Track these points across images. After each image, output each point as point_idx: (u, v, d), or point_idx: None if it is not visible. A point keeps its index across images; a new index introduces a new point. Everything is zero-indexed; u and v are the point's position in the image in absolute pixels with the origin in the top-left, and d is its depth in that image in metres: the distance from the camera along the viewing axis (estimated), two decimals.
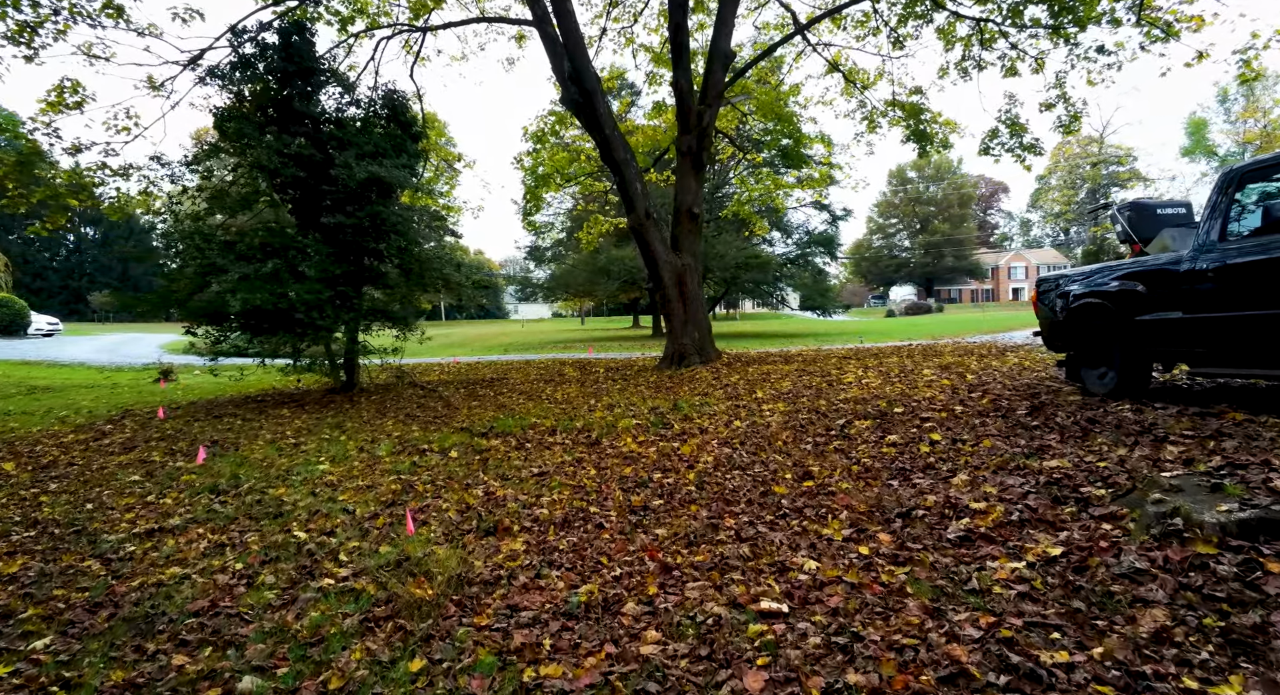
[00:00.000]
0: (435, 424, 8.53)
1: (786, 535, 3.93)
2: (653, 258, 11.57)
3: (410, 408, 9.97)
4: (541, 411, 8.91)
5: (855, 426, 5.98)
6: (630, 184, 11.34)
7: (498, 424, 8.03)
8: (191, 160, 10.40)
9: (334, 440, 7.65)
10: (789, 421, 6.65)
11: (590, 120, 11.26)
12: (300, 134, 10.71)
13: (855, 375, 8.60)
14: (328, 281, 10.11)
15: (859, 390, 7.53)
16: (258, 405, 10.48)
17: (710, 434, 6.66)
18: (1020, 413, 5.47)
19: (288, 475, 6.07)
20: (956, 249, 79.37)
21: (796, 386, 8.46)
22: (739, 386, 9.28)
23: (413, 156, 11.07)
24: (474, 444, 7.09)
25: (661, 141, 15.40)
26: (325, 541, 4.32)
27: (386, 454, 6.84)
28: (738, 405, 7.91)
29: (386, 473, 6.06)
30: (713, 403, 8.38)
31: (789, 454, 5.62)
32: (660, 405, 8.53)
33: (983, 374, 7.86)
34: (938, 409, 6.06)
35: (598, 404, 9.29)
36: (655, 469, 5.71)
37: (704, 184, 12.01)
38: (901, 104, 13.90)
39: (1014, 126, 12.25)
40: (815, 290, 28.22)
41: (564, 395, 10.31)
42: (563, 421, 8.01)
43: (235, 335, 10.54)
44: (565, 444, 6.91)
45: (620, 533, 4.31)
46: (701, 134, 11.59)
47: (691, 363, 11.60)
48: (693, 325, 11.68)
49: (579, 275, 27.60)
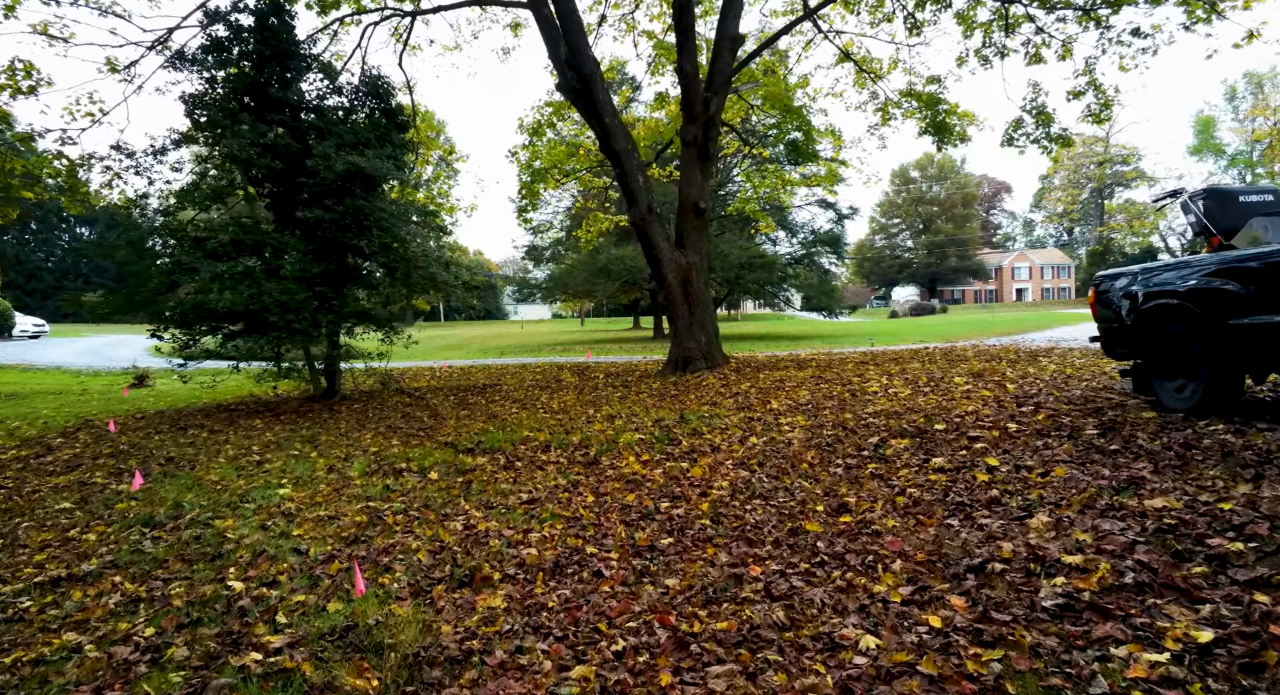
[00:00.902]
0: (418, 437, 7.76)
1: (828, 592, 3.17)
2: (655, 255, 10.81)
3: (394, 418, 9.20)
4: (535, 423, 8.15)
5: (891, 446, 5.21)
6: (631, 176, 10.57)
7: (486, 438, 7.26)
8: (159, 150, 9.64)
9: (303, 457, 6.88)
10: (812, 439, 5.88)
11: (588, 107, 10.50)
12: (277, 123, 9.96)
13: (879, 383, 7.83)
14: (305, 281, 9.35)
15: (888, 401, 6.76)
16: (229, 415, 9.72)
17: (723, 453, 5.90)
18: (1090, 433, 4.70)
19: (241, 502, 5.30)
20: (960, 249, 78.63)
21: (815, 396, 7.70)
22: (751, 396, 8.51)
23: (398, 147, 10.31)
24: (458, 462, 6.32)
25: (664, 134, 14.64)
26: (264, 595, 3.55)
27: (358, 475, 6.08)
28: (751, 418, 7.14)
29: (354, 499, 5.30)
30: (723, 414, 7.61)
31: (817, 479, 4.86)
32: (665, 417, 7.77)
33: (1024, 383, 7.10)
34: (986, 426, 5.29)
35: (596, 414, 8.52)
36: (662, 496, 4.95)
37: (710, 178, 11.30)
38: (918, 94, 13.14)
39: (1041, 116, 11.49)
40: (821, 291, 27.44)
41: (560, 404, 9.55)
42: (558, 436, 7.25)
43: (206, 339, 9.78)
44: (560, 463, 6.15)
45: (623, 584, 3.55)
46: (708, 123, 10.84)
47: (697, 368, 10.83)
48: (698, 328, 10.92)
49: (578, 275, 26.84)
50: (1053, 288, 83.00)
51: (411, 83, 14.57)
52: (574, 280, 27.21)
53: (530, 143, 14.09)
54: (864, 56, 13.95)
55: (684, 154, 11.23)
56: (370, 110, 10.66)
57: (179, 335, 9.50)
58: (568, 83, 10.54)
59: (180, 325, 9.48)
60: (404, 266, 10.42)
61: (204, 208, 10.20)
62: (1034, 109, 11.65)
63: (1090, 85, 11.25)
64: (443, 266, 9.98)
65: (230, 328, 9.97)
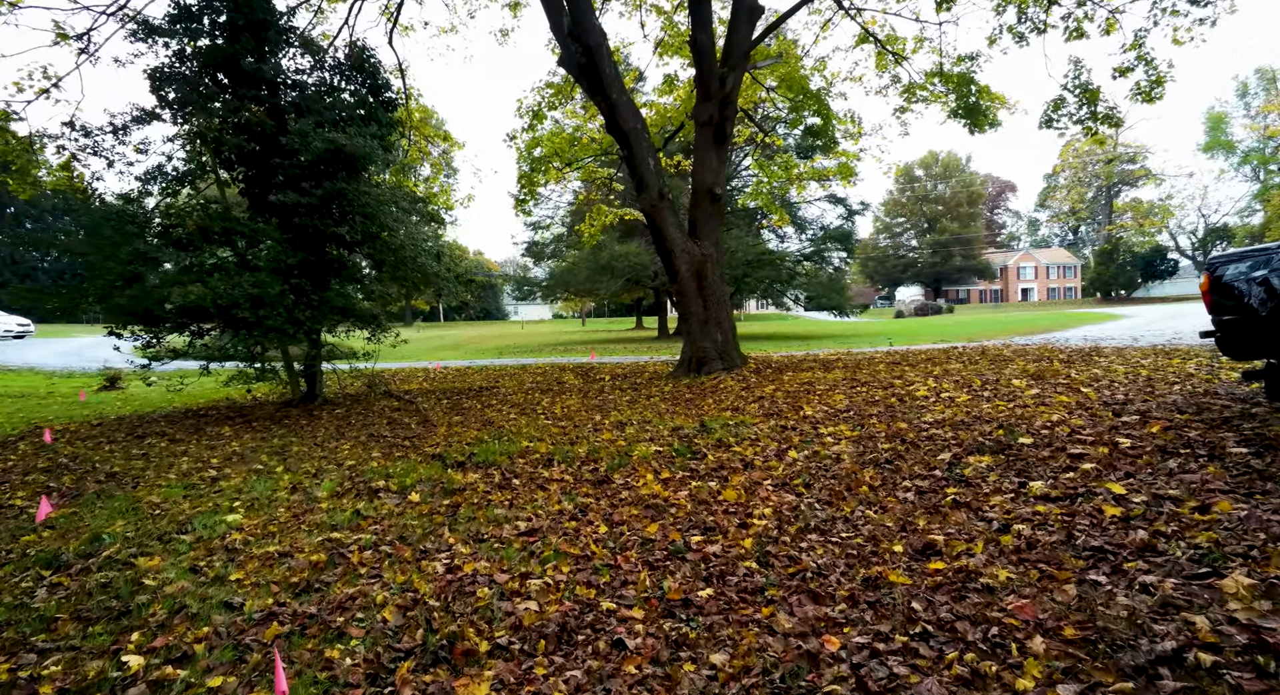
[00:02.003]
0: (402, 448, 6.83)
1: (947, 686, 2.23)
2: (667, 246, 9.87)
3: (378, 425, 8.27)
4: (536, 431, 7.22)
5: (970, 465, 4.27)
6: (641, 159, 9.64)
7: (479, 450, 6.33)
8: (119, 129, 8.70)
9: (267, 473, 5.95)
10: (865, 453, 4.94)
11: (594, 83, 9.57)
12: (252, 99, 9.03)
13: (926, 387, 6.90)
14: (280, 273, 8.43)
15: (945, 409, 5.82)
16: (196, 422, 8.78)
17: (759, 470, 4.96)
18: (1236, 451, 3.76)
19: (178, 533, 4.36)
20: (965, 248, 77.70)
21: (855, 402, 6.76)
22: (778, 400, 7.57)
23: (385, 126, 9.39)
24: (445, 480, 5.39)
25: (674, 119, 13.71)
26: (166, 678, 2.61)
27: (326, 495, 5.14)
28: (784, 427, 6.20)
29: (316, 528, 4.36)
30: (750, 422, 6.67)
31: (884, 507, 3.92)
32: (683, 425, 6.83)
33: (1100, 386, 6.15)
34: (1086, 440, 4.35)
35: (604, 421, 7.59)
36: (691, 526, 4.02)
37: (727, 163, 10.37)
38: (948, 75, 12.21)
39: (1086, 94, 10.56)
40: (831, 289, 26.48)
41: (563, 409, 8.62)
42: (561, 447, 6.31)
43: (172, 338, 8.86)
44: (565, 481, 5.21)
45: (653, 661, 2.62)
46: (724, 101, 9.90)
47: (713, 369, 9.90)
48: (714, 325, 9.99)
49: (580, 273, 25.90)
50: (1059, 287, 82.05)
51: (404, 65, 13.67)
52: (576, 278, 26.28)
53: (530, 125, 13.17)
54: (888, 35, 13.02)
55: (698, 136, 10.30)
56: (355, 87, 9.74)
57: (140, 333, 8.57)
58: (571, 57, 9.62)
59: (142, 322, 8.56)
60: (392, 258, 9.49)
61: (171, 193, 9.28)
62: (1077, 87, 10.72)
63: (1140, 60, 10.32)
64: (433, 257, 9.05)
65: (199, 325, 9.05)
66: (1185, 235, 63.04)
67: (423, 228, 9.47)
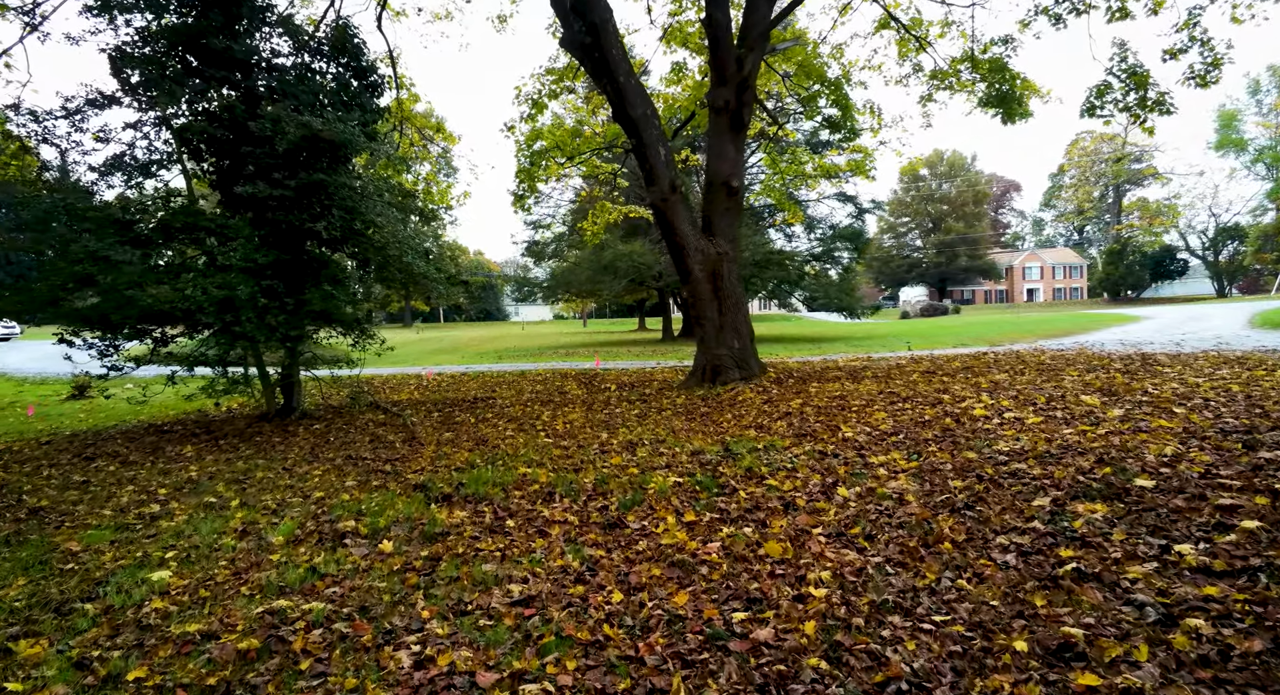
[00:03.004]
0: (382, 474, 5.96)
1: None
2: (679, 244, 9.00)
3: (359, 443, 7.40)
4: (535, 452, 6.36)
5: (1079, 515, 3.40)
6: (650, 147, 8.77)
7: (470, 478, 5.46)
8: (73, 113, 7.84)
9: (219, 508, 5.08)
10: (932, 492, 4.07)
11: (599, 66, 8.70)
12: (222, 82, 8.18)
13: (982, 403, 6.02)
14: (251, 273, 7.57)
15: (1016, 433, 4.94)
16: (157, 439, 7.92)
17: (805, 513, 4.09)
18: None
19: (84, 599, 3.49)
20: (970, 248, 76.78)
21: (900, 422, 5.88)
22: (809, 418, 6.69)
23: (369, 112, 8.53)
24: (427, 519, 4.52)
25: (683, 108, 12.83)
26: None
27: (282, 541, 4.27)
28: (823, 453, 5.33)
29: (259, 592, 3.49)
30: (780, 445, 5.80)
31: (978, 573, 3.05)
32: (704, 449, 5.96)
33: (1198, 406, 5.26)
34: (1231, 484, 3.47)
35: (612, 440, 6.72)
36: (731, 595, 3.16)
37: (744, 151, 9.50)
38: (978, 61, 11.33)
39: (1134, 78, 9.68)
40: (841, 290, 25.59)
41: (566, 424, 7.75)
42: (564, 474, 5.45)
43: (132, 345, 8.01)
44: (568, 523, 4.34)
45: None
46: (742, 85, 9.03)
47: (730, 379, 9.02)
48: (730, 330, 9.11)
49: (581, 273, 25.00)
50: (1064, 288, 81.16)
51: (395, 52, 12.79)
52: (577, 278, 25.38)
53: (530, 115, 12.30)
54: (912, 18, 12.15)
55: (712, 124, 9.42)
56: (337, 71, 8.87)
57: (95, 340, 7.72)
58: (574, 36, 8.75)
59: (98, 328, 7.70)
60: (378, 257, 8.62)
61: (135, 185, 8.42)
62: (1124, 71, 9.85)
63: (1194, 41, 9.45)
64: (421, 256, 8.17)
65: (163, 331, 8.20)
66: (1195, 235, 62.01)
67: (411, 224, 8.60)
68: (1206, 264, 61.15)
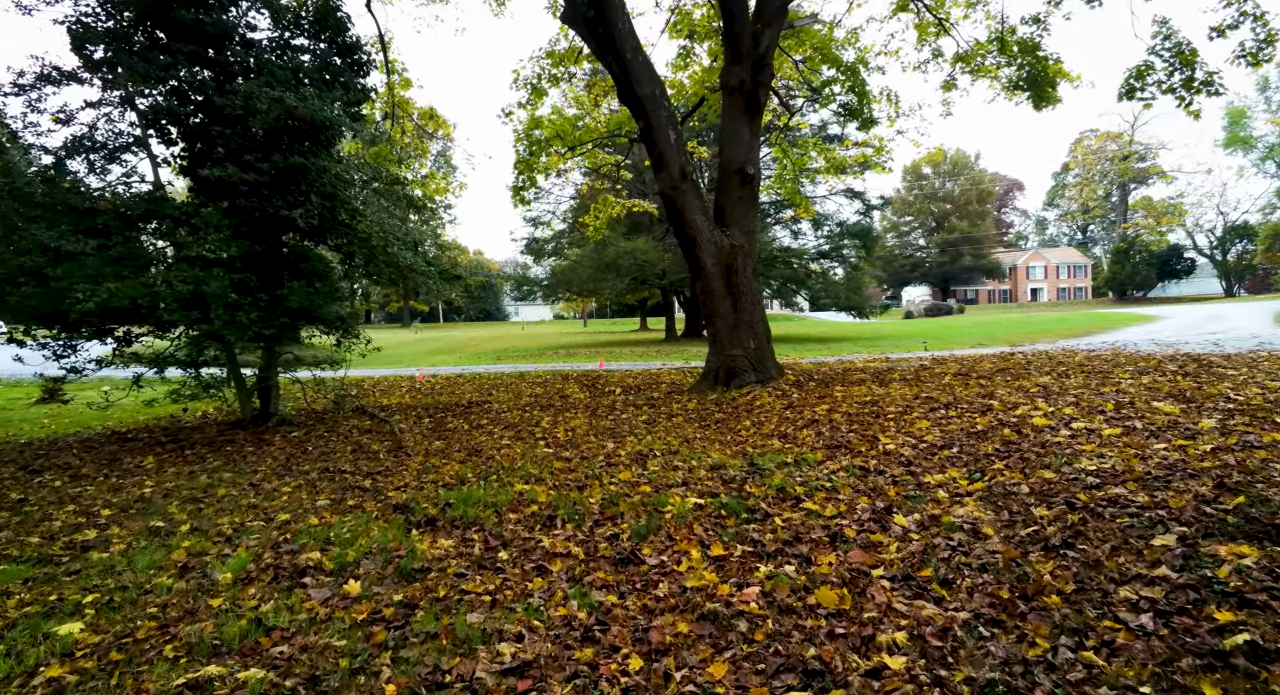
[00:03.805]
0: (360, 491, 5.26)
1: None
2: (690, 236, 8.29)
3: (339, 454, 6.70)
4: (534, 465, 5.65)
5: (1223, 560, 2.68)
6: (659, 130, 8.07)
7: (459, 498, 4.76)
8: (25, 88, 7.14)
9: (167, 535, 4.38)
10: (1014, 523, 3.37)
11: (604, 42, 8.00)
12: (191, 57, 7.48)
13: (1040, 411, 5.31)
14: (221, 265, 6.87)
15: (1094, 447, 4.24)
16: (117, 449, 7.22)
17: (859, 547, 3.38)
18: None
19: None
20: (974, 248, 76.08)
21: (949, 432, 5.17)
22: (840, 426, 5.99)
23: (353, 92, 7.82)
24: (405, 550, 3.82)
25: (692, 95, 12.11)
26: None
27: (231, 578, 3.57)
28: (865, 469, 4.62)
29: (186, 654, 2.79)
30: (811, 458, 5.10)
31: (1109, 644, 2.34)
32: (725, 461, 5.26)
33: None
34: None
35: (620, 451, 6.02)
36: (780, 664, 2.46)
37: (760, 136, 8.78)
38: (1007, 42, 10.62)
39: (1180, 57, 8.98)
40: (849, 289, 24.87)
41: (568, 432, 7.05)
42: (567, 493, 4.75)
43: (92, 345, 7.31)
44: (572, 556, 3.65)
45: None
46: (758, 63, 8.32)
47: (745, 382, 8.32)
48: (746, 329, 8.40)
49: (583, 271, 24.27)
50: (1068, 287, 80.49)
51: (386, 35, 12.08)
52: (578, 276, 24.66)
53: (529, 101, 11.60)
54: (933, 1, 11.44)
55: (726, 106, 8.71)
56: (318, 46, 8.16)
57: (50, 339, 7.02)
58: (576, 9, 8.04)
59: (53, 325, 7.01)
60: (362, 250, 7.92)
61: (99, 170, 7.72)
62: (1167, 49, 9.16)
63: (1244, 16, 8.75)
64: (409, 248, 7.46)
65: (127, 330, 7.50)
66: (1203, 233, 61.31)
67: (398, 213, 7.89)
68: (1214, 263, 60.42)
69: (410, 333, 42.04)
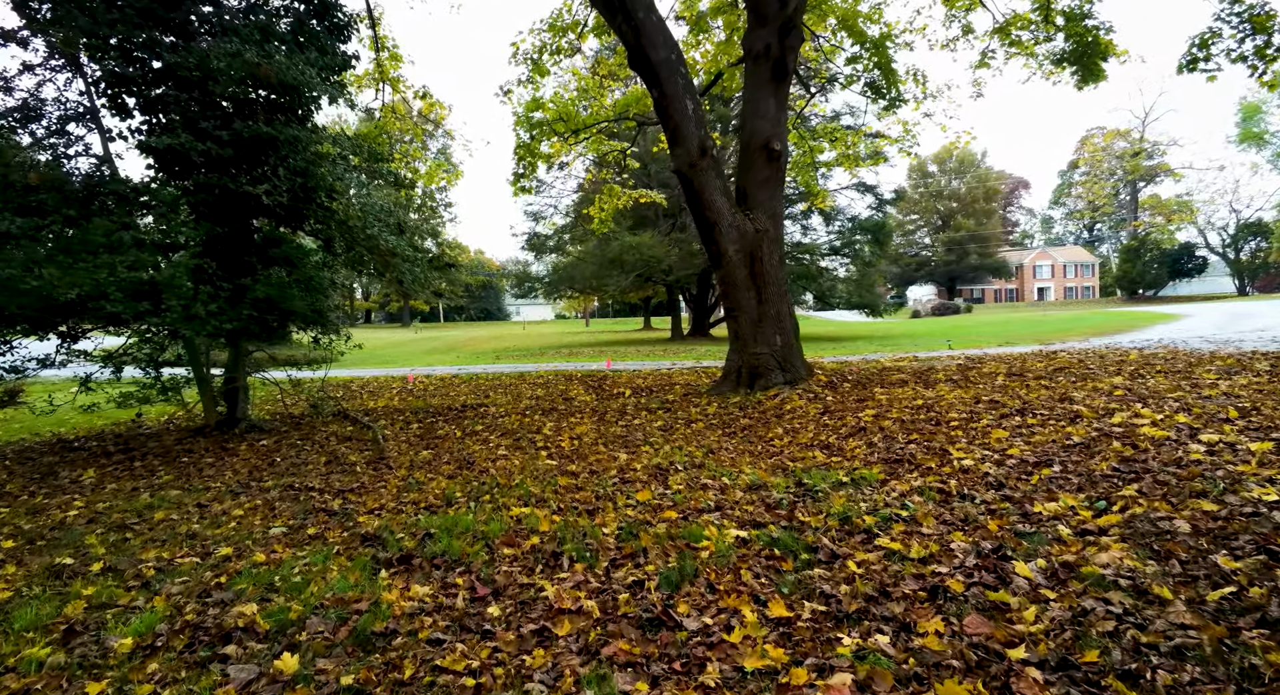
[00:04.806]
0: (326, 515, 4.37)
1: None
2: (710, 220, 7.39)
3: (310, 466, 5.81)
4: (535, 483, 4.76)
5: None
6: (674, 100, 7.17)
7: (443, 526, 3.87)
8: None
9: (70, 577, 3.48)
10: (1197, 580, 2.47)
11: (611, 1, 7.09)
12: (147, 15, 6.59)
13: (1145, 419, 4.41)
14: (176, 250, 5.99)
15: (1252, 468, 3.33)
16: (57, 460, 6.32)
17: (973, 609, 2.48)
18: None
19: None
20: (981, 246, 75.08)
21: (1035, 444, 4.27)
22: (894, 434, 5.09)
23: (331, 56, 6.93)
24: (368, 603, 2.93)
25: (706, 72, 11.19)
26: None
27: (129, 645, 2.67)
28: (943, 491, 3.72)
29: None
30: (871, 476, 4.21)
31: None
32: (765, 480, 4.36)
33: None
34: None
35: (635, 464, 5.13)
36: None
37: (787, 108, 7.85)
38: (1053, 10, 9.71)
39: (1253, 21, 8.08)
40: (862, 286, 23.94)
41: (573, 441, 6.16)
42: (574, 520, 3.85)
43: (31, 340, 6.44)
44: (584, 613, 2.75)
45: None
46: (786, 26, 7.43)
47: (772, 383, 7.41)
48: (772, 324, 7.50)
49: (586, 268, 23.36)
50: (1076, 286, 79.52)
51: (375, 9, 11.20)
52: (581, 273, 23.75)
53: (529, 78, 10.71)
54: None
55: (750, 75, 7.81)
56: (294, 5, 7.27)
57: None
58: None
59: None
60: (342, 234, 7.03)
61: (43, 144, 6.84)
62: (1236, 15, 8.27)
63: None
64: (393, 230, 6.56)
65: (71, 323, 6.61)
66: (1215, 231, 60.27)
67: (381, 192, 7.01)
68: (1227, 261, 59.35)
69: (410, 332, 41.18)
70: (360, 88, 10.56)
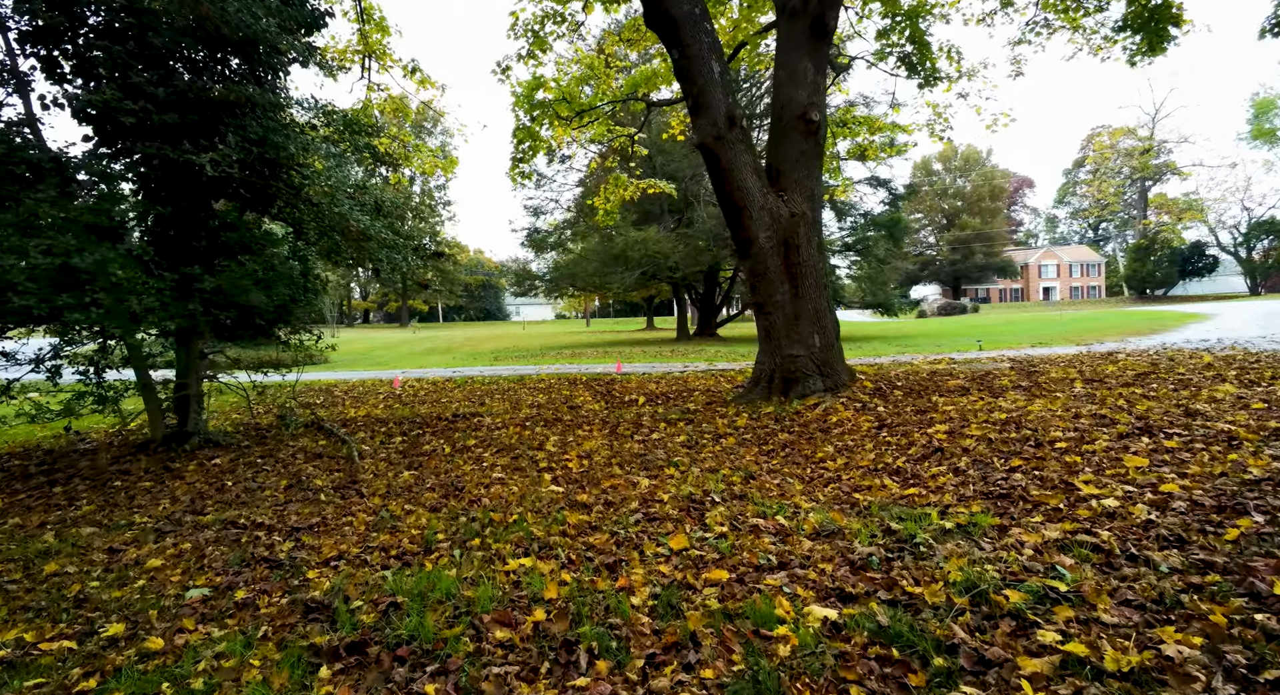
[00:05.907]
0: (266, 567, 3.36)
1: None
2: (737, 203, 6.38)
3: (268, 492, 4.80)
4: (538, 519, 3.75)
5: None
6: (697, 62, 6.16)
7: (414, 591, 2.85)
8: None
9: None
10: None
11: None
12: None
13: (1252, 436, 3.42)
14: (105, 233, 4.98)
15: None
16: None
17: None
18: None
19: None
20: (986, 246, 74.07)
21: (1204, 480, 3.26)
22: (986, 459, 4.08)
23: (297, 8, 5.91)
24: None
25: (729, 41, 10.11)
26: None
27: None
28: (1100, 550, 2.72)
29: None
30: (982, 520, 3.20)
31: None
32: (838, 523, 3.34)
33: None
34: None
35: (661, 493, 4.12)
36: None
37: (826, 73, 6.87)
38: None
39: None
40: (876, 284, 22.94)
41: (582, 461, 5.14)
42: (589, 582, 2.84)
43: None
44: None
45: None
46: None
47: (811, 390, 6.40)
48: (810, 322, 6.49)
49: (589, 265, 22.33)
50: (1081, 286, 78.53)
51: None
52: (584, 270, 22.71)
53: (528, 53, 9.71)
54: None
55: (784, 36, 6.80)
56: None
57: None
58: None
59: None
60: (311, 217, 6.01)
61: None
62: None
63: None
64: (366, 210, 5.55)
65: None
66: (1226, 230, 59.27)
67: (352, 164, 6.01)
68: (1238, 260, 58.31)
69: (408, 332, 40.13)
70: (343, 63, 9.54)
